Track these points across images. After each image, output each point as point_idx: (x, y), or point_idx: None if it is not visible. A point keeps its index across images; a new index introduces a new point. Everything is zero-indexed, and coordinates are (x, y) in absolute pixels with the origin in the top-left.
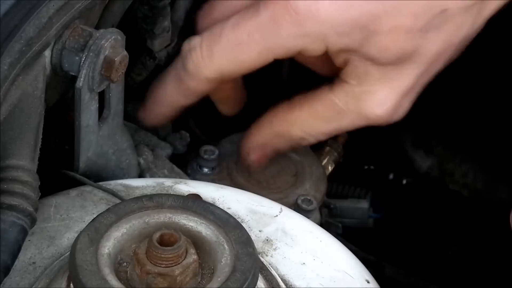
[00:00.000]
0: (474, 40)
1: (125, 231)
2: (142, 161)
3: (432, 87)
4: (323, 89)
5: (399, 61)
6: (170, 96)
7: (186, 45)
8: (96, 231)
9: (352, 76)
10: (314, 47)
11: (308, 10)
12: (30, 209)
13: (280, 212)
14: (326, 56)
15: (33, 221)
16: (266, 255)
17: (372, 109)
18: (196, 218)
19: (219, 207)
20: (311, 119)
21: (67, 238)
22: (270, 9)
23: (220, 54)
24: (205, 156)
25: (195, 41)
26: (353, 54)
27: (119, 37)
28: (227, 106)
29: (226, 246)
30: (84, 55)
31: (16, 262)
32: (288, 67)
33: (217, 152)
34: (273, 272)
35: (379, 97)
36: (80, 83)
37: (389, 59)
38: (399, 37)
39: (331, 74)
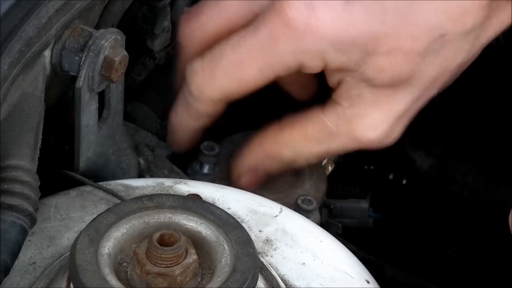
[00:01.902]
0: None
1: (125, 231)
2: (142, 161)
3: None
4: (315, 110)
5: (394, 84)
6: (183, 121)
7: (188, 68)
8: (96, 231)
9: (344, 98)
10: (313, 64)
11: (308, 26)
12: (30, 209)
13: (280, 212)
14: (309, 79)
15: (33, 221)
16: (266, 255)
17: (364, 132)
18: (196, 218)
19: (219, 207)
20: (302, 140)
21: (67, 238)
22: (269, 26)
23: (221, 75)
24: (206, 152)
25: (196, 63)
26: (348, 74)
27: (119, 37)
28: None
29: (226, 246)
30: (84, 55)
31: (16, 262)
32: None
33: (217, 148)
34: (273, 272)
35: (371, 121)
36: (80, 83)
37: (385, 81)
38: (397, 59)
39: (308, 98)
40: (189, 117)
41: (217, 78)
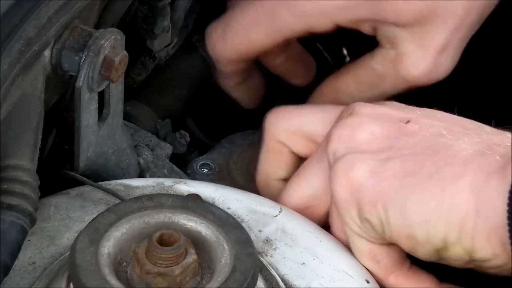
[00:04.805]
0: (475, 40)
1: (125, 231)
2: (141, 161)
3: (433, 87)
4: (365, 56)
5: (422, 21)
6: (222, 83)
7: (207, 30)
8: (96, 231)
9: (385, 41)
10: (320, 24)
11: None
12: (30, 209)
13: (279, 212)
14: (304, 63)
15: (33, 221)
16: (266, 255)
17: (408, 71)
18: (196, 218)
19: (219, 207)
20: (355, 84)
21: (67, 238)
22: None
23: (231, 35)
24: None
25: (211, 26)
26: (374, 22)
27: (119, 37)
28: (295, 79)
29: (225, 246)
30: (84, 55)
31: (16, 262)
32: None
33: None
34: (273, 272)
35: (413, 59)
36: (80, 83)
37: (410, 21)
38: None
39: (308, 82)
40: (221, 77)
41: (228, 38)
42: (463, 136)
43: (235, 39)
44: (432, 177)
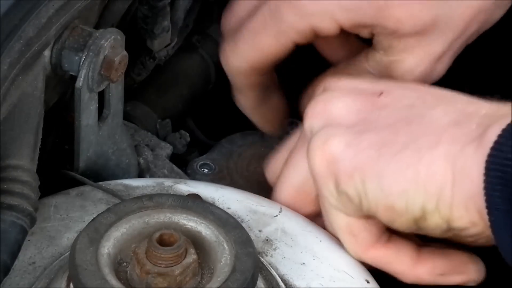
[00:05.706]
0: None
1: (125, 231)
2: (142, 161)
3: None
4: (360, 58)
5: (421, 32)
6: (238, 101)
7: (220, 47)
8: (96, 231)
9: (379, 48)
10: (324, 26)
11: None
12: (30, 209)
13: (279, 212)
14: (344, 40)
15: (33, 221)
16: (266, 255)
17: (402, 76)
18: (196, 218)
19: (219, 207)
20: None
21: (67, 238)
22: None
23: (242, 44)
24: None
25: (224, 38)
26: (373, 28)
27: (118, 37)
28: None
29: (225, 246)
30: (83, 55)
31: (16, 262)
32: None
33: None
34: (273, 272)
35: (407, 65)
36: (79, 83)
37: (408, 30)
38: (413, 8)
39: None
40: (238, 95)
41: (239, 48)
42: (436, 106)
43: (245, 47)
44: (408, 147)
